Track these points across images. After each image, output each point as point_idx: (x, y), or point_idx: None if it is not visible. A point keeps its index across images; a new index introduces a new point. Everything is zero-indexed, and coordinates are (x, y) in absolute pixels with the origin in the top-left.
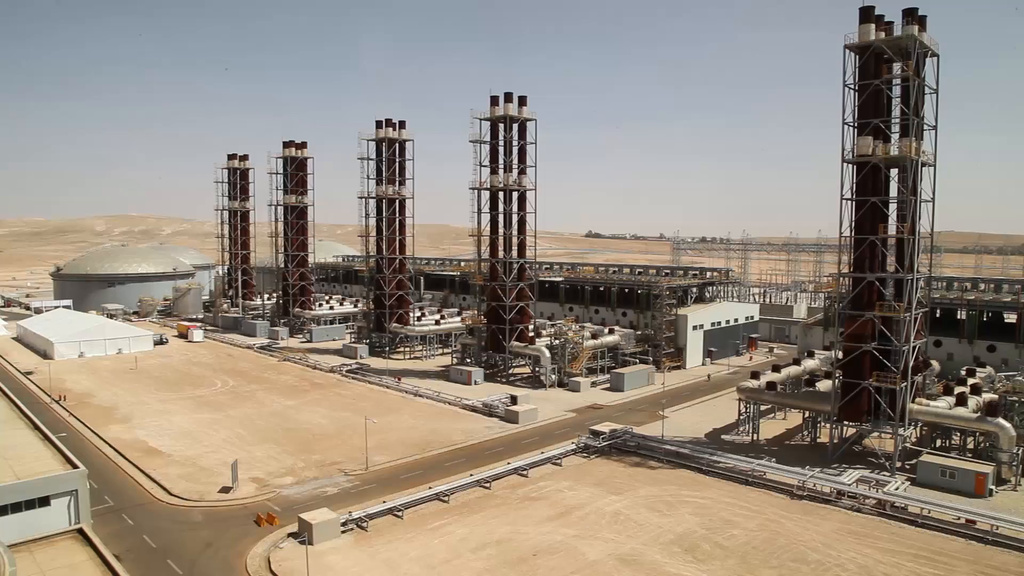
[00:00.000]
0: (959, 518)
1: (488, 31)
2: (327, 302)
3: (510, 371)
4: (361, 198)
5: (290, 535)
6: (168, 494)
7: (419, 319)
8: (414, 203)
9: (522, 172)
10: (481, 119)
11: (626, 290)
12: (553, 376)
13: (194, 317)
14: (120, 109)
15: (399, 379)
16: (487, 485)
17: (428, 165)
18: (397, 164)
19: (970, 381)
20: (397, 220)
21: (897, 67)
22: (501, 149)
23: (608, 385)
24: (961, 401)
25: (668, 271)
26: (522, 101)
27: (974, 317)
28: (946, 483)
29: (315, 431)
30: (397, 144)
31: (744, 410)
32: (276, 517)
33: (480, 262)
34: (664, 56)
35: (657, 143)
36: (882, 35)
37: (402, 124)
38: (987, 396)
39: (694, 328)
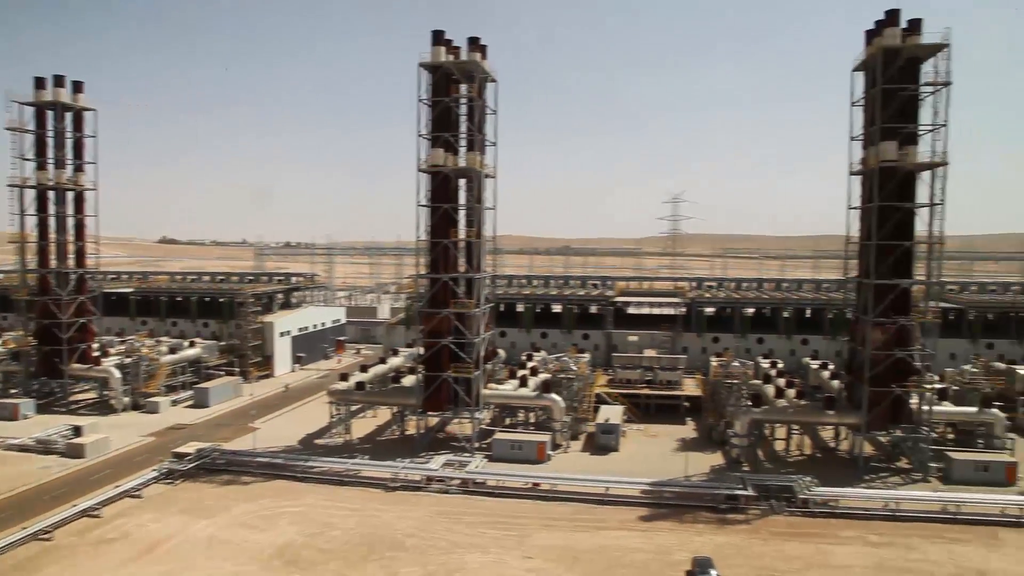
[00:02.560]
0: (527, 483)
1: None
2: None
3: (71, 398)
4: None
5: None
6: None
7: None
8: None
9: (79, 169)
10: (22, 103)
11: (207, 299)
12: (126, 399)
13: None
14: None
15: None
16: (47, 536)
17: None
18: None
19: (529, 364)
20: None
21: (464, 88)
22: (51, 141)
23: (192, 402)
24: (523, 383)
25: (252, 277)
26: (77, 87)
27: (530, 309)
28: (516, 455)
29: None
30: None
31: (336, 412)
32: None
33: (25, 273)
34: (251, 56)
35: (240, 145)
36: (451, 58)
37: None
38: (542, 376)
39: (281, 335)
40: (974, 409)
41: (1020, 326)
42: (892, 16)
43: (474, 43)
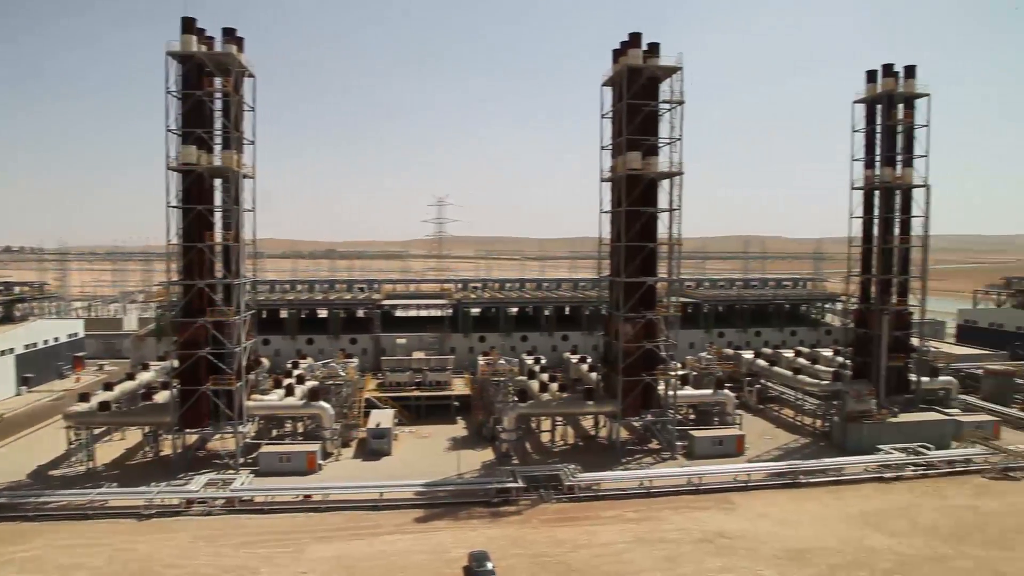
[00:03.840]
0: (298, 496)
1: None
2: None
3: None
4: None
5: None
6: None
7: None
8: None
9: None
10: None
11: None
12: None
13: None
14: None
15: None
16: None
17: None
18: None
19: (295, 372)
20: None
21: (219, 82)
22: None
23: None
24: (290, 391)
25: None
26: None
27: (294, 315)
28: (285, 467)
29: None
30: None
31: (75, 438)
32: None
33: None
34: None
35: None
36: (204, 48)
37: None
38: (310, 384)
39: (2, 353)
40: (710, 391)
41: (744, 317)
42: (635, 38)
43: (229, 34)
